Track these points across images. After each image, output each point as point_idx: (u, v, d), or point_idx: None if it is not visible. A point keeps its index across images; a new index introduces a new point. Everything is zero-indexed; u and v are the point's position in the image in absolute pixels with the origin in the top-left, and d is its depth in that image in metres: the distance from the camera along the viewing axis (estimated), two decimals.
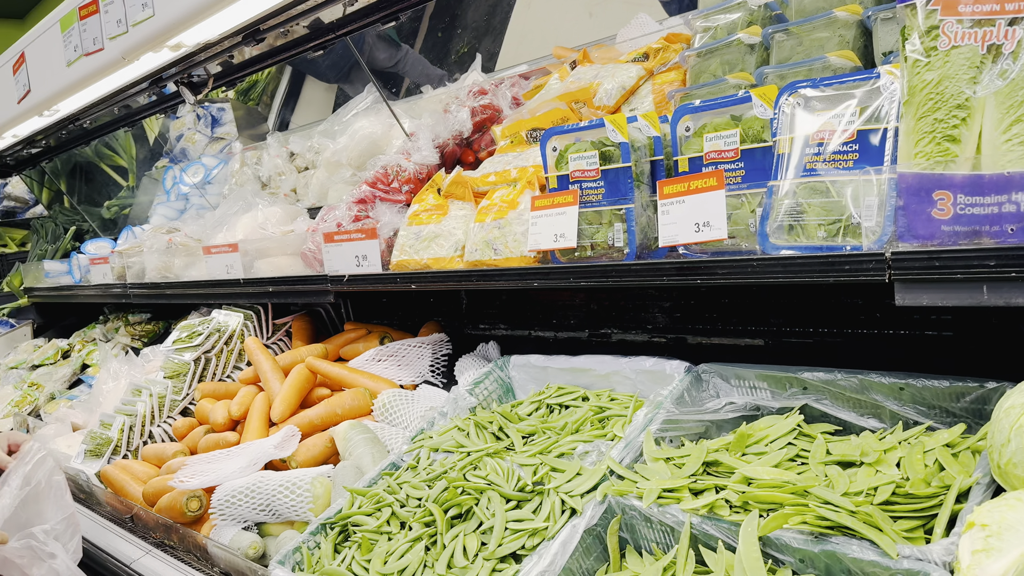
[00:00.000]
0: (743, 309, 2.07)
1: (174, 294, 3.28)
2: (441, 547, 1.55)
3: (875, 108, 1.39)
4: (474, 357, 2.60)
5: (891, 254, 1.25)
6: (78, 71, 2.55)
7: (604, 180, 1.70)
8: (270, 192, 3.64)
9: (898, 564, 1.13)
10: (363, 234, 2.39)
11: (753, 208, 1.51)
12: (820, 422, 1.64)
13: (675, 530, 1.39)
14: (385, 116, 3.12)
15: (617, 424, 1.80)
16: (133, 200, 5.10)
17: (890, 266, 1.25)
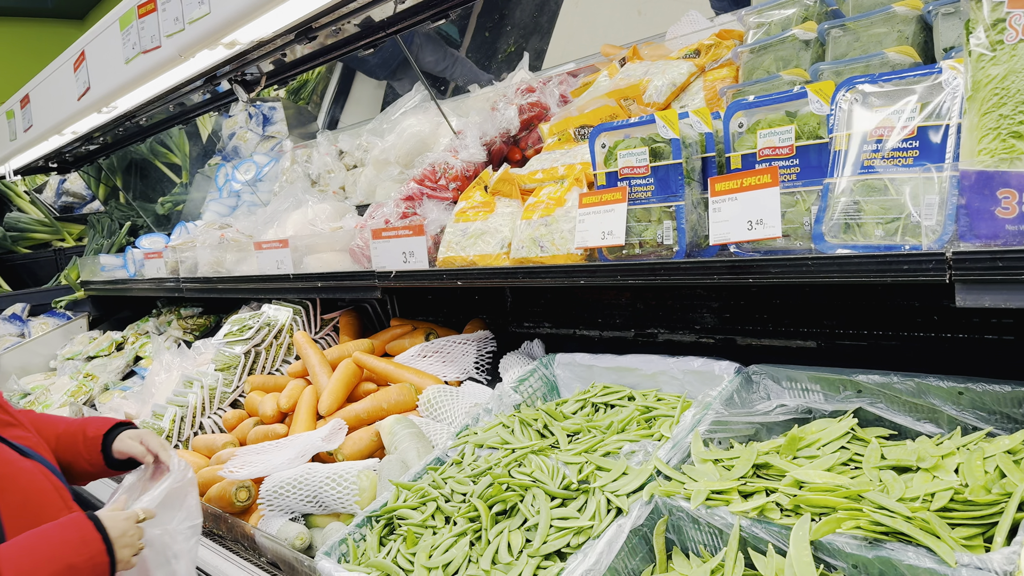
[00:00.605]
0: (795, 310, 2.04)
1: (225, 288, 3.34)
2: (486, 543, 1.55)
3: (936, 104, 1.35)
4: (519, 355, 2.59)
5: (952, 254, 1.22)
6: (136, 68, 2.62)
7: (654, 177, 1.69)
8: (319, 189, 3.68)
9: (956, 572, 1.09)
10: (410, 231, 2.40)
11: (808, 206, 1.48)
12: (874, 426, 1.60)
13: (723, 532, 1.36)
14: (433, 114, 3.14)
15: (664, 424, 1.78)
16: (186, 196, 5.21)
17: (951, 266, 1.22)
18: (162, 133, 4.86)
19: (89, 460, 1.87)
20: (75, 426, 1.91)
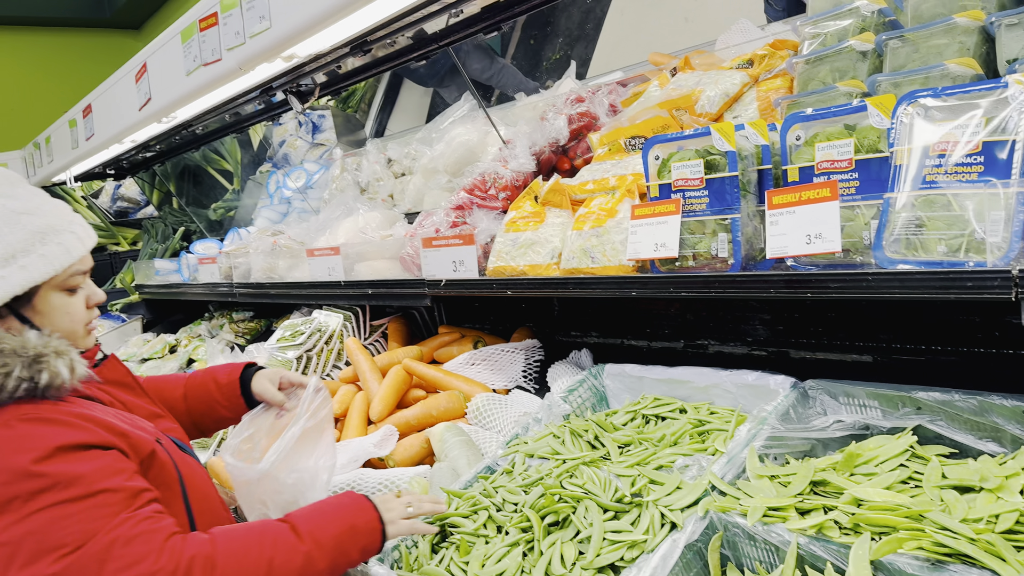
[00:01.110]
0: (851, 323, 2.01)
1: (278, 294, 3.41)
2: (538, 554, 1.56)
3: (1002, 119, 1.33)
4: (567, 364, 2.60)
5: (1019, 271, 1.20)
6: (196, 80, 2.69)
7: (708, 189, 1.68)
8: (368, 197, 3.74)
9: None
10: (460, 240, 2.43)
11: (867, 220, 1.47)
12: (934, 444, 1.57)
13: (780, 550, 1.36)
14: (481, 123, 3.16)
15: (718, 439, 1.77)
16: (238, 203, 5.33)
17: (1017, 284, 1.20)
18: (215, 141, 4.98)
19: (228, 406, 1.94)
20: (199, 379, 1.97)
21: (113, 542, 1.25)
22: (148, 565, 1.25)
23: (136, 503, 1.32)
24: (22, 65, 8.32)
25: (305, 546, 1.40)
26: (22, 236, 1.42)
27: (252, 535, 1.39)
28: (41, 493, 1.23)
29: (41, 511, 1.23)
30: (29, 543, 1.21)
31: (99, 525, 1.25)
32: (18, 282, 1.40)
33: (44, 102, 7.97)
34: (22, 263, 1.41)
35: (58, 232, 1.48)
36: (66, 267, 1.47)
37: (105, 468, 1.32)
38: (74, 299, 1.52)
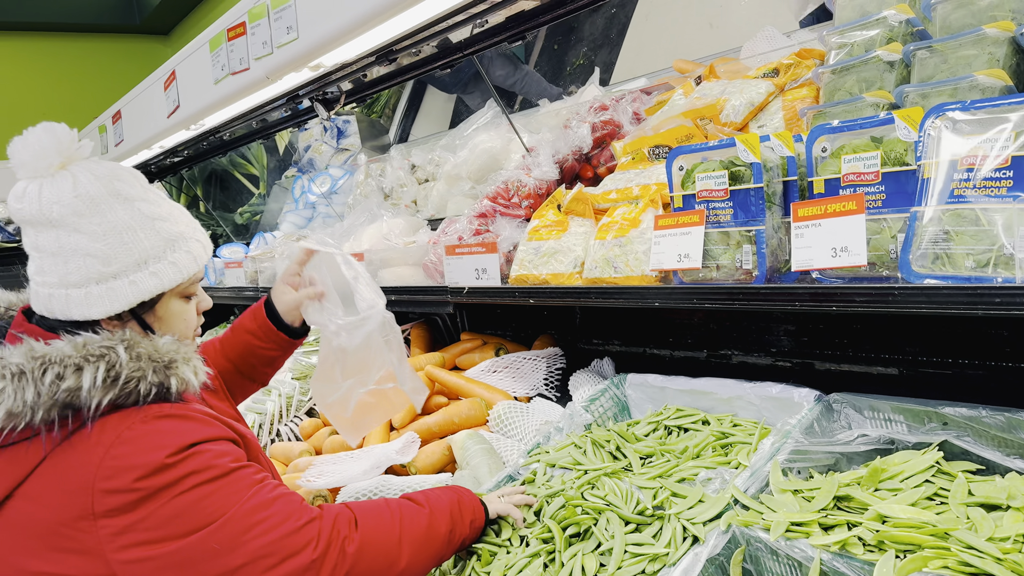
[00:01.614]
0: (876, 336, 1.99)
1: None
2: (559, 565, 1.56)
3: None
4: (588, 373, 2.60)
5: None
6: (224, 89, 2.73)
7: (733, 201, 1.68)
8: (392, 203, 3.76)
9: None
10: (483, 248, 2.44)
11: (894, 234, 1.45)
12: (960, 460, 1.56)
13: (803, 565, 1.35)
14: (504, 130, 3.17)
15: (741, 452, 1.76)
16: (264, 207, 5.38)
17: None
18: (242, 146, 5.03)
19: (262, 336, 1.94)
20: (234, 335, 1.99)
21: (256, 507, 1.32)
22: (293, 523, 1.33)
23: (266, 480, 1.39)
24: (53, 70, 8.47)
25: (426, 509, 1.53)
26: (156, 242, 1.44)
27: (379, 502, 1.51)
28: (181, 480, 1.29)
29: (183, 494, 1.28)
30: (177, 523, 1.27)
31: (238, 496, 1.32)
32: (148, 288, 1.43)
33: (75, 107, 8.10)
34: (153, 269, 1.43)
35: (186, 240, 1.50)
36: (191, 275, 1.51)
37: (233, 454, 1.38)
38: (189, 305, 1.55)
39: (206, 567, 1.29)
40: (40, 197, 1.37)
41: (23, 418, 1.25)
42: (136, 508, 1.26)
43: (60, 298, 1.39)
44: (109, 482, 1.26)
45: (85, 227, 1.38)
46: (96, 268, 1.38)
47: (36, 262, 1.41)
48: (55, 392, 1.26)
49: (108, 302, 1.39)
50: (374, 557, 1.40)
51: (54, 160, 1.38)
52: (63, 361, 1.28)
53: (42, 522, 1.30)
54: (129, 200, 1.43)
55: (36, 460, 1.30)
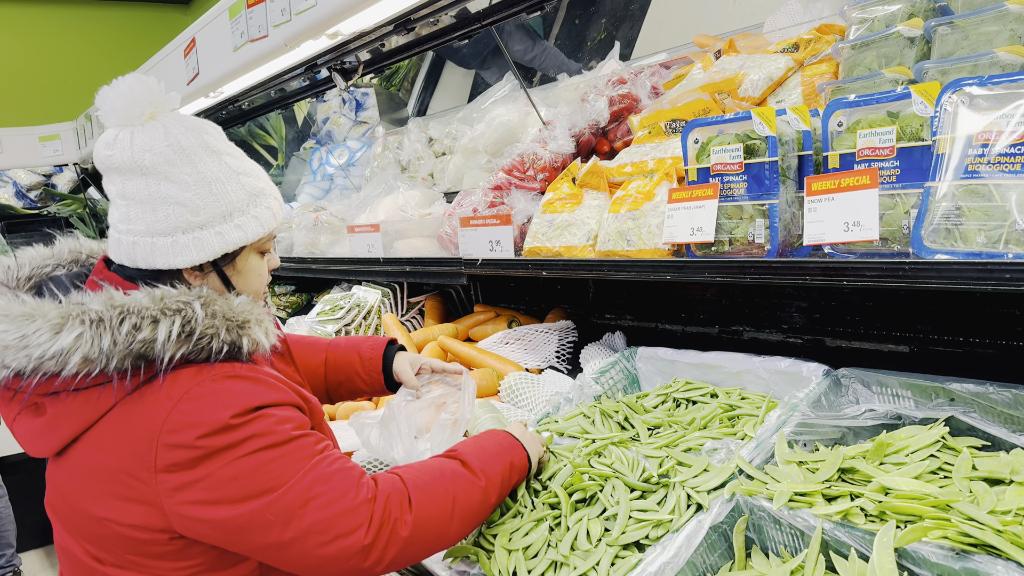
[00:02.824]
0: (887, 313, 1.99)
1: (319, 269, 3.47)
2: (565, 529, 1.59)
3: None
4: (600, 346, 2.62)
5: None
6: (243, 56, 2.74)
7: (747, 174, 1.68)
8: (409, 176, 3.78)
9: None
10: (498, 220, 2.45)
11: (907, 209, 1.45)
12: (966, 436, 1.56)
13: (805, 534, 1.37)
14: (522, 104, 3.17)
15: (748, 423, 1.78)
16: (282, 178, 5.40)
17: None
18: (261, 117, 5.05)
19: (367, 380, 1.98)
20: (342, 348, 2.01)
21: (315, 480, 1.33)
22: (349, 500, 1.34)
23: (326, 449, 1.41)
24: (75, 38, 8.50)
25: (481, 482, 1.51)
26: (241, 196, 1.47)
27: (434, 472, 1.48)
28: (243, 443, 1.31)
29: (244, 458, 1.30)
30: (234, 487, 1.30)
31: (298, 467, 1.34)
32: (233, 240, 1.45)
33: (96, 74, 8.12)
34: (238, 222, 1.46)
35: (266, 196, 1.53)
36: (270, 231, 1.54)
37: (296, 420, 1.40)
38: (263, 262, 1.58)
39: (259, 536, 1.31)
40: (133, 144, 1.38)
41: (98, 364, 1.28)
42: (196, 466, 1.29)
43: (145, 246, 1.41)
44: (173, 436, 1.29)
45: (176, 176, 1.40)
46: (185, 217, 1.40)
47: (122, 210, 1.42)
48: (131, 342, 1.29)
49: (195, 251, 1.42)
50: (425, 536, 1.41)
51: (146, 109, 1.40)
52: (140, 312, 1.31)
53: (106, 469, 1.34)
54: (217, 153, 1.46)
55: (106, 407, 1.33)
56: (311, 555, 1.33)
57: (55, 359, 1.27)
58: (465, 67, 5.19)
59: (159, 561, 1.38)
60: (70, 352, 1.26)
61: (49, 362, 1.27)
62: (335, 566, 1.34)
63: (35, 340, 1.27)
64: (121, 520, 1.35)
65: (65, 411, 1.35)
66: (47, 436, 1.39)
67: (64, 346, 1.26)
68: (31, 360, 1.27)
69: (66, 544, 1.49)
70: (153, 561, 1.38)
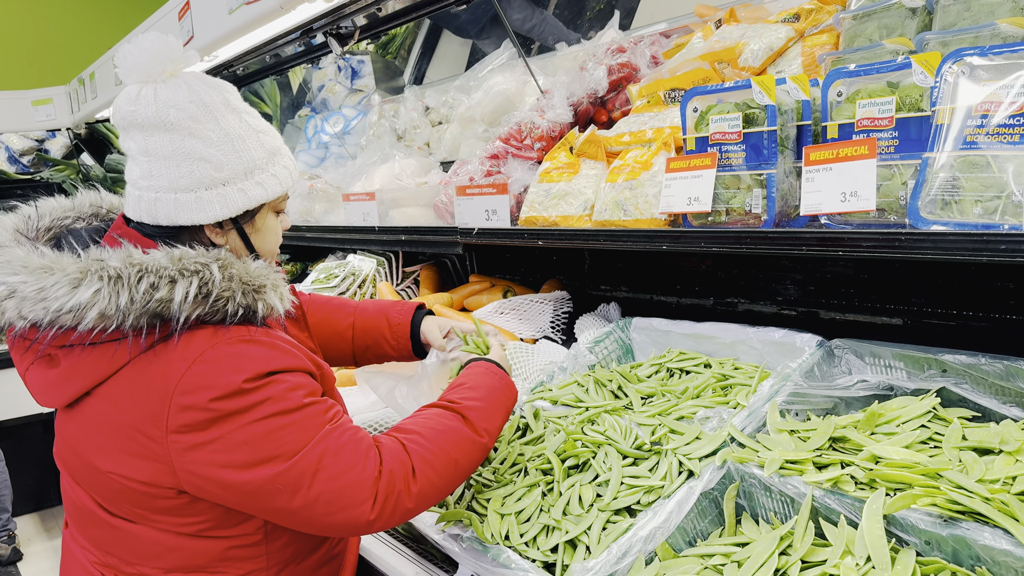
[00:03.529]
0: (882, 286, 2.00)
1: (314, 237, 3.46)
2: (557, 494, 1.60)
3: None
4: (594, 317, 2.62)
5: None
6: (239, 18, 2.70)
7: (746, 143, 1.67)
8: (405, 144, 3.75)
9: None
10: (494, 189, 2.44)
11: (904, 180, 1.45)
12: (957, 407, 1.58)
13: (795, 501, 1.38)
14: (520, 73, 3.14)
15: (740, 393, 1.79)
16: None
17: None
18: (255, 83, 4.99)
19: (395, 346, 1.98)
20: (370, 312, 2.00)
21: (324, 452, 1.34)
22: (356, 474, 1.35)
23: (337, 417, 1.42)
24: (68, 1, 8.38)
25: (484, 439, 1.53)
26: (261, 154, 1.47)
27: (436, 436, 1.47)
28: (255, 407, 1.31)
29: (256, 423, 1.31)
30: (245, 451, 1.31)
31: (309, 436, 1.35)
32: (255, 197, 1.46)
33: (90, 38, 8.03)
34: (259, 179, 1.46)
35: (282, 155, 1.54)
36: (287, 189, 1.54)
37: (308, 387, 1.40)
38: (278, 221, 1.59)
39: (266, 501, 1.33)
40: (156, 100, 1.38)
41: (114, 321, 1.29)
42: (208, 428, 1.30)
43: (168, 202, 1.41)
44: (186, 397, 1.30)
45: (200, 132, 1.40)
46: (208, 173, 1.40)
47: (143, 166, 1.42)
48: (148, 300, 1.29)
49: (219, 207, 1.42)
50: (427, 503, 1.44)
51: (167, 66, 1.40)
52: (159, 272, 1.31)
53: (117, 424, 1.35)
54: (237, 111, 1.46)
55: (120, 363, 1.34)
56: (317, 521, 1.36)
57: (72, 313, 1.28)
58: (463, 35, 5.14)
59: (165, 516, 1.40)
60: (87, 307, 1.27)
61: (66, 316, 1.28)
62: (338, 531, 1.38)
63: (53, 293, 1.28)
64: (129, 475, 1.36)
65: (79, 364, 1.36)
66: (59, 388, 1.40)
67: (82, 301, 1.27)
68: (48, 313, 1.28)
69: (74, 493, 1.51)
70: (159, 515, 1.40)
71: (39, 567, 4.73)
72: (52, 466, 1.62)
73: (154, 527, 1.41)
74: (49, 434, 1.66)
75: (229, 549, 1.44)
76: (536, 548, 1.49)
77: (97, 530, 1.48)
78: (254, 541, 1.46)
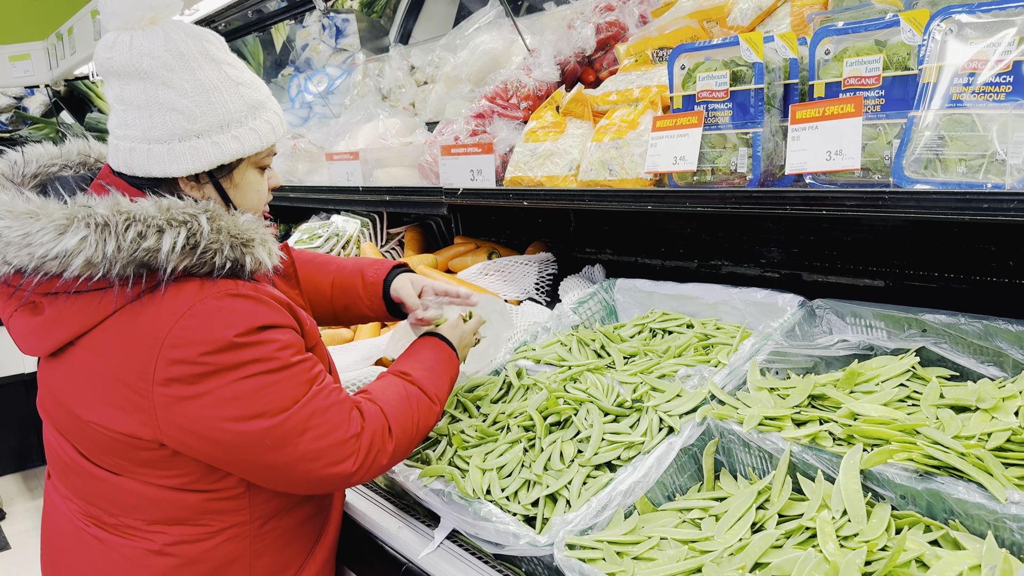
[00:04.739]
0: (865, 248, 2.01)
1: (297, 198, 3.43)
2: (539, 450, 1.61)
3: None
4: (579, 278, 2.62)
5: None
6: None
7: (733, 102, 1.66)
8: (390, 104, 3.70)
9: (1005, 509, 1.11)
10: (479, 148, 2.42)
11: (890, 139, 1.45)
12: (936, 366, 1.59)
13: (773, 457, 1.39)
14: (507, 31, 3.10)
15: (722, 352, 1.80)
16: None
17: None
18: (238, 41, 4.89)
19: (370, 306, 1.96)
20: (348, 272, 1.98)
21: (313, 412, 1.36)
22: (341, 433, 1.39)
23: (321, 377, 1.43)
24: None
25: (437, 406, 1.62)
26: (240, 107, 1.44)
27: (403, 401, 1.55)
28: (246, 364, 1.31)
29: (245, 379, 1.31)
30: (234, 406, 1.31)
31: (297, 394, 1.36)
32: (230, 151, 1.42)
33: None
34: (235, 133, 1.43)
35: (266, 109, 1.50)
36: (269, 145, 1.51)
37: (297, 345, 1.40)
38: (263, 178, 1.56)
39: (250, 456, 1.34)
40: (131, 47, 1.36)
41: (100, 269, 1.27)
42: (198, 382, 1.30)
43: (141, 152, 1.38)
44: (175, 351, 1.29)
45: (174, 82, 1.37)
46: (181, 124, 1.38)
47: (120, 115, 1.40)
48: (135, 249, 1.27)
49: (190, 160, 1.39)
50: (396, 460, 1.51)
51: (146, 13, 1.37)
52: (146, 221, 1.30)
53: (101, 375, 1.34)
54: (217, 62, 1.43)
55: (106, 313, 1.32)
56: (298, 478, 1.38)
57: (58, 260, 1.26)
58: None
59: (147, 468, 1.40)
60: (73, 254, 1.26)
61: (52, 262, 1.27)
62: (318, 487, 1.43)
63: (39, 239, 1.26)
64: (111, 426, 1.36)
65: (64, 313, 1.35)
66: (43, 336, 1.39)
67: (68, 248, 1.26)
68: (33, 259, 1.27)
69: (57, 444, 1.51)
70: (141, 468, 1.40)
71: (22, 526, 4.73)
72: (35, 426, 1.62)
73: (136, 479, 1.42)
74: (31, 394, 1.65)
75: (212, 502, 1.44)
76: (517, 502, 1.50)
77: (80, 480, 1.48)
78: (237, 494, 1.46)
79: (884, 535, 1.16)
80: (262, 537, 1.52)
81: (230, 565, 1.48)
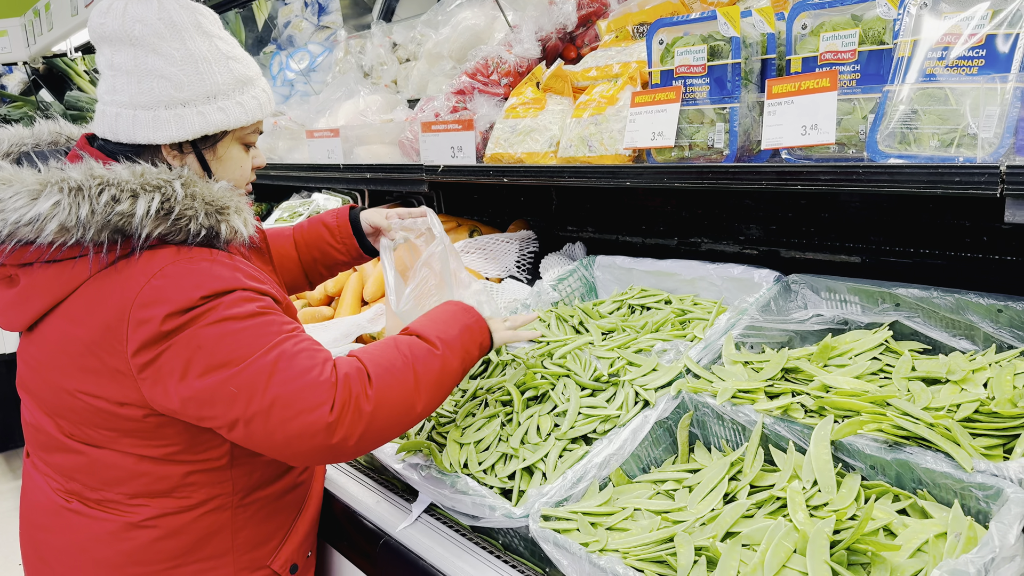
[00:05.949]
0: (841, 224, 2.02)
1: (278, 175, 3.40)
2: (516, 424, 1.62)
3: (1009, 12, 1.29)
4: (560, 256, 2.62)
5: (1006, 167, 1.19)
6: None
7: (710, 77, 1.66)
8: (372, 82, 3.67)
9: (971, 478, 1.12)
10: (459, 125, 2.40)
11: (865, 114, 1.45)
12: (910, 340, 1.61)
13: (746, 429, 1.41)
14: (489, 8, 3.07)
15: (698, 327, 1.81)
16: None
17: (1004, 180, 1.20)
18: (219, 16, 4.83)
19: (342, 249, 1.96)
20: (307, 226, 1.99)
21: (280, 356, 1.32)
22: (313, 377, 1.32)
23: (297, 331, 1.40)
24: None
25: (439, 351, 1.47)
26: (227, 79, 1.45)
27: (389, 348, 1.45)
28: (209, 314, 1.30)
29: (209, 326, 1.29)
30: (200, 356, 1.29)
31: (265, 341, 1.32)
32: (215, 122, 1.43)
33: None
34: (221, 105, 1.44)
35: (254, 85, 1.51)
36: (255, 121, 1.51)
37: (267, 305, 1.38)
38: (247, 155, 1.56)
39: (223, 410, 1.31)
40: (125, 14, 1.37)
41: (74, 234, 1.27)
42: (163, 340, 1.29)
43: (127, 118, 1.39)
44: (144, 311, 1.29)
45: (164, 50, 1.38)
46: (168, 92, 1.39)
47: (108, 80, 1.41)
48: (108, 213, 1.27)
49: (174, 128, 1.40)
50: (391, 409, 1.38)
51: None
52: (120, 185, 1.29)
53: (78, 341, 1.34)
54: (208, 35, 1.44)
55: (80, 279, 1.32)
56: (277, 431, 1.31)
57: (31, 225, 1.26)
58: None
59: (131, 438, 1.40)
60: (47, 219, 1.25)
61: (25, 228, 1.26)
62: (302, 443, 1.32)
63: (12, 205, 1.26)
64: (92, 392, 1.36)
65: (38, 282, 1.35)
66: (20, 308, 1.39)
67: (41, 212, 1.25)
68: (7, 225, 1.26)
69: (37, 420, 1.50)
70: (125, 438, 1.40)
71: (4, 507, 4.72)
72: (15, 406, 1.60)
73: (119, 451, 1.41)
74: (11, 375, 1.64)
75: (193, 474, 1.44)
76: (494, 476, 1.51)
77: (60, 456, 1.47)
78: (220, 466, 1.46)
79: (853, 504, 1.17)
80: (244, 509, 1.52)
81: (212, 537, 1.49)
